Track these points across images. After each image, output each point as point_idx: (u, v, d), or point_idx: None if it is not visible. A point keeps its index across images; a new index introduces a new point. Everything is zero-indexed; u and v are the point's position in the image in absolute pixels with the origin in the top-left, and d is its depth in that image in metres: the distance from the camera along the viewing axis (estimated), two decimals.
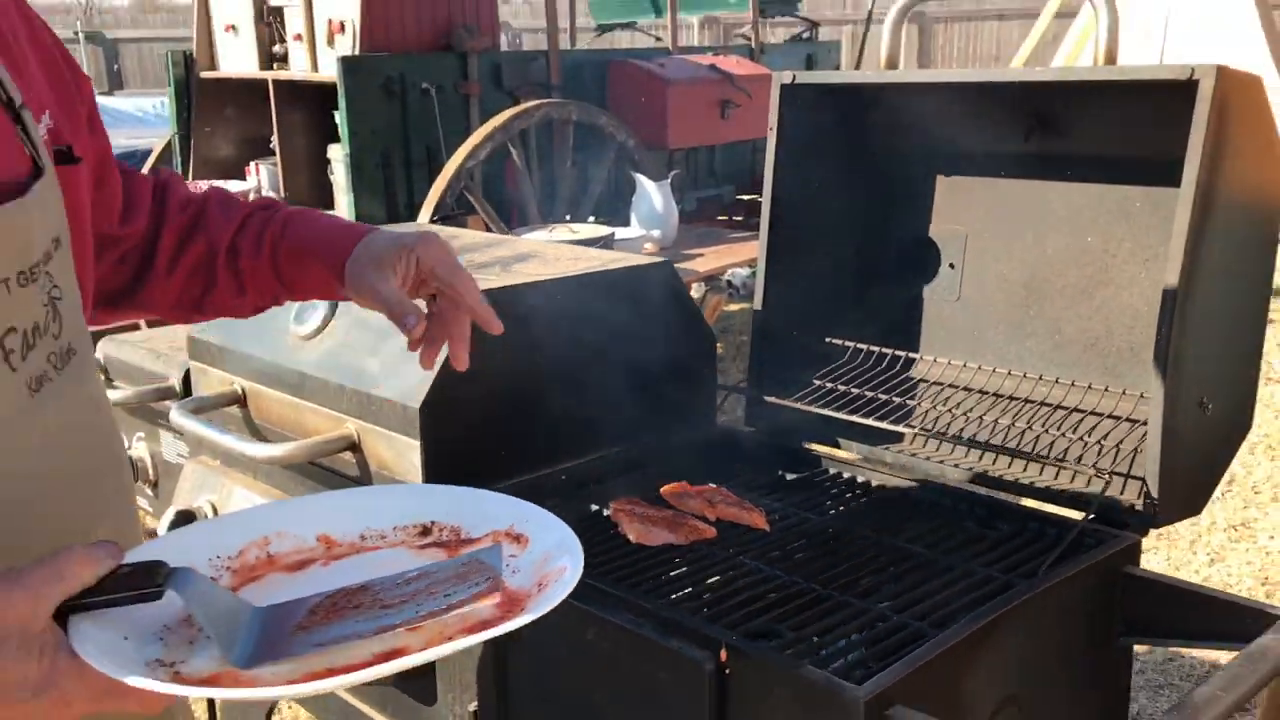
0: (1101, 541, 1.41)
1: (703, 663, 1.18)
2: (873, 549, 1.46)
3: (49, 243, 0.93)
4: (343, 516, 1.04)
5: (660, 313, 1.79)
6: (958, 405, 1.74)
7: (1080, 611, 1.38)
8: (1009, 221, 1.79)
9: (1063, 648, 1.38)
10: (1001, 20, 16.31)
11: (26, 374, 0.90)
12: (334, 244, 1.21)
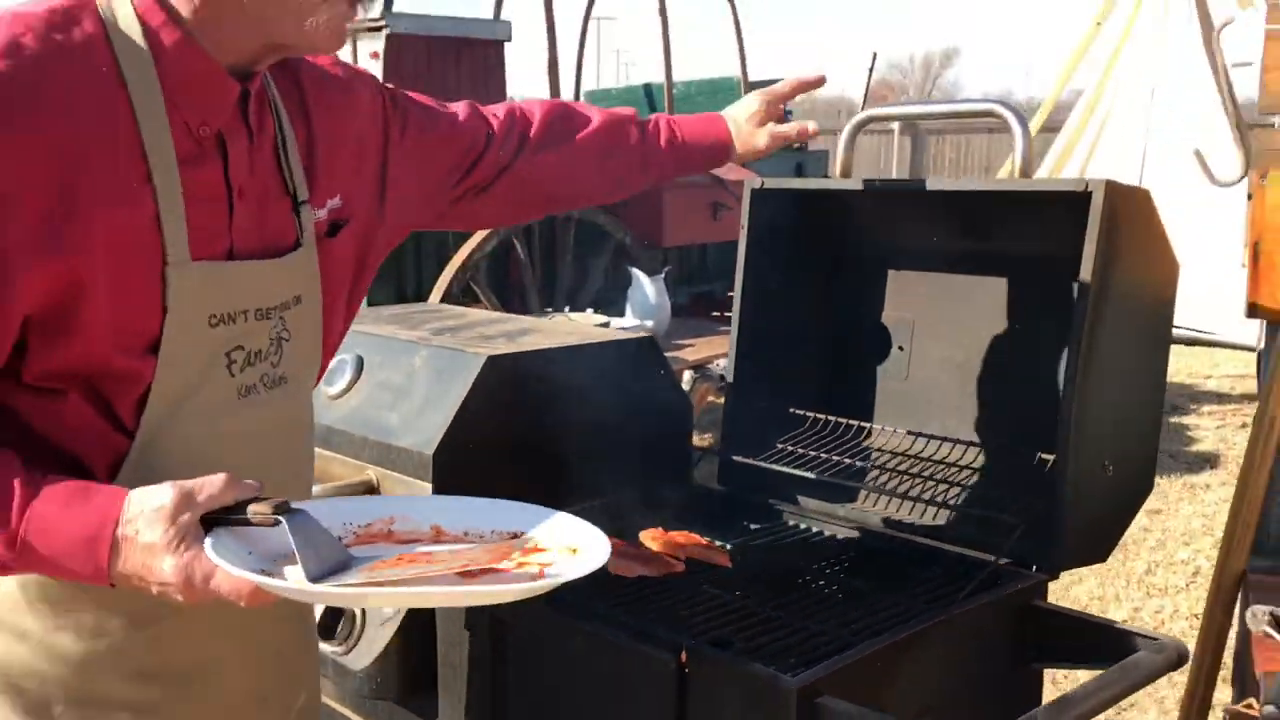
0: (1013, 580, 1.65)
1: (667, 663, 1.41)
2: (819, 584, 1.70)
3: (289, 297, 1.28)
4: (456, 515, 1.27)
5: (643, 381, 2.04)
6: (903, 467, 1.99)
7: (994, 638, 1.62)
8: (949, 310, 2.06)
9: (980, 668, 1.61)
10: (991, 134, 16.97)
11: (239, 382, 1.22)
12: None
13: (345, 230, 1.36)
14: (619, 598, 1.62)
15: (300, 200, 1.28)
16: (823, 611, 1.59)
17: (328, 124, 1.34)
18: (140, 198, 1.12)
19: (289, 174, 1.28)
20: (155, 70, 1.13)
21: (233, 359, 1.21)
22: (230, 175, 1.20)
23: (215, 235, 1.19)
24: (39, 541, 1.06)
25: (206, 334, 1.19)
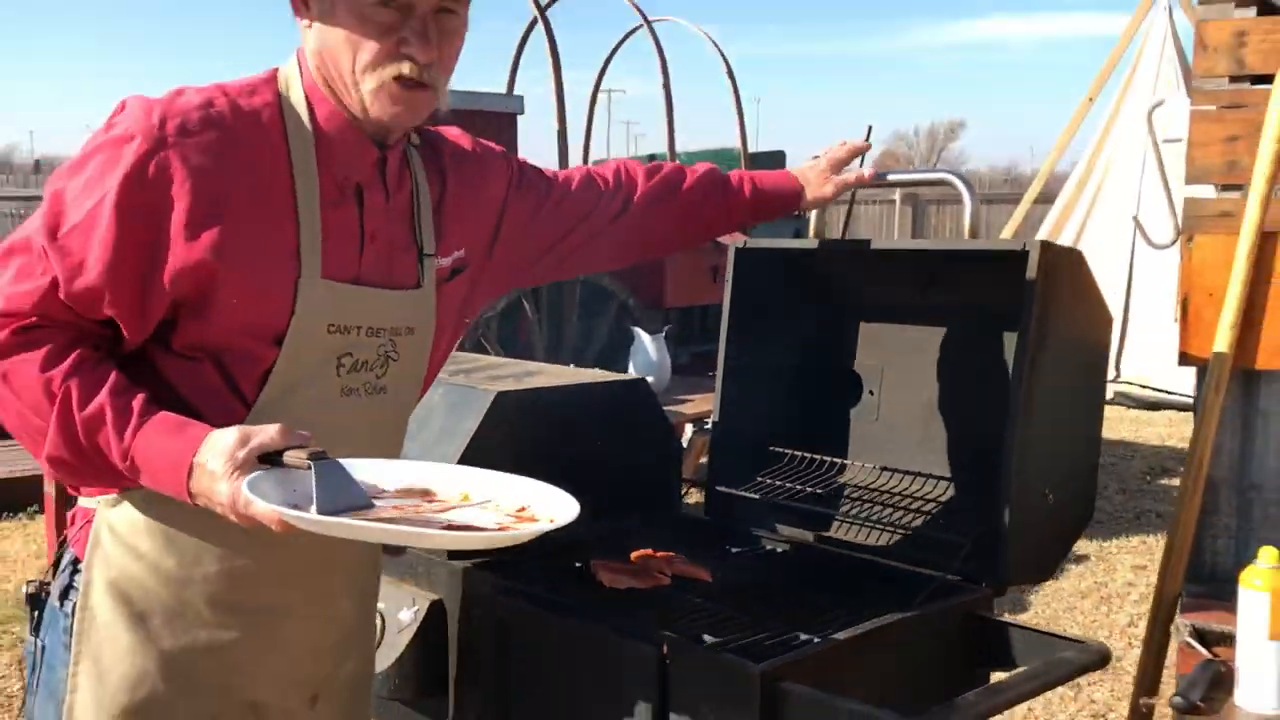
0: (960, 593, 1.86)
1: (651, 655, 1.62)
2: (789, 596, 1.91)
3: (401, 326, 1.56)
4: (484, 485, 1.48)
5: (637, 418, 2.27)
6: (870, 497, 2.20)
7: (944, 643, 1.82)
8: (913, 356, 2.28)
9: (932, 670, 1.80)
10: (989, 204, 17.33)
11: (344, 383, 1.51)
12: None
13: (461, 276, 1.65)
14: (611, 605, 1.83)
15: (426, 252, 1.58)
16: (790, 617, 1.80)
17: (460, 190, 1.65)
18: (284, 226, 1.43)
19: (419, 229, 1.58)
20: (312, 132, 1.46)
21: (341, 363, 1.50)
22: (364, 220, 1.51)
23: (346, 264, 1.49)
24: (142, 458, 1.34)
25: (323, 338, 1.47)
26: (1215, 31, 2.24)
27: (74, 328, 1.39)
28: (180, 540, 1.47)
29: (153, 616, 1.47)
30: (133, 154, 1.35)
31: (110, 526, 1.48)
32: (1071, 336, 1.98)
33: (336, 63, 1.45)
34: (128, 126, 1.37)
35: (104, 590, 1.47)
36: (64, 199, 1.38)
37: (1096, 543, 5.72)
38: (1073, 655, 1.68)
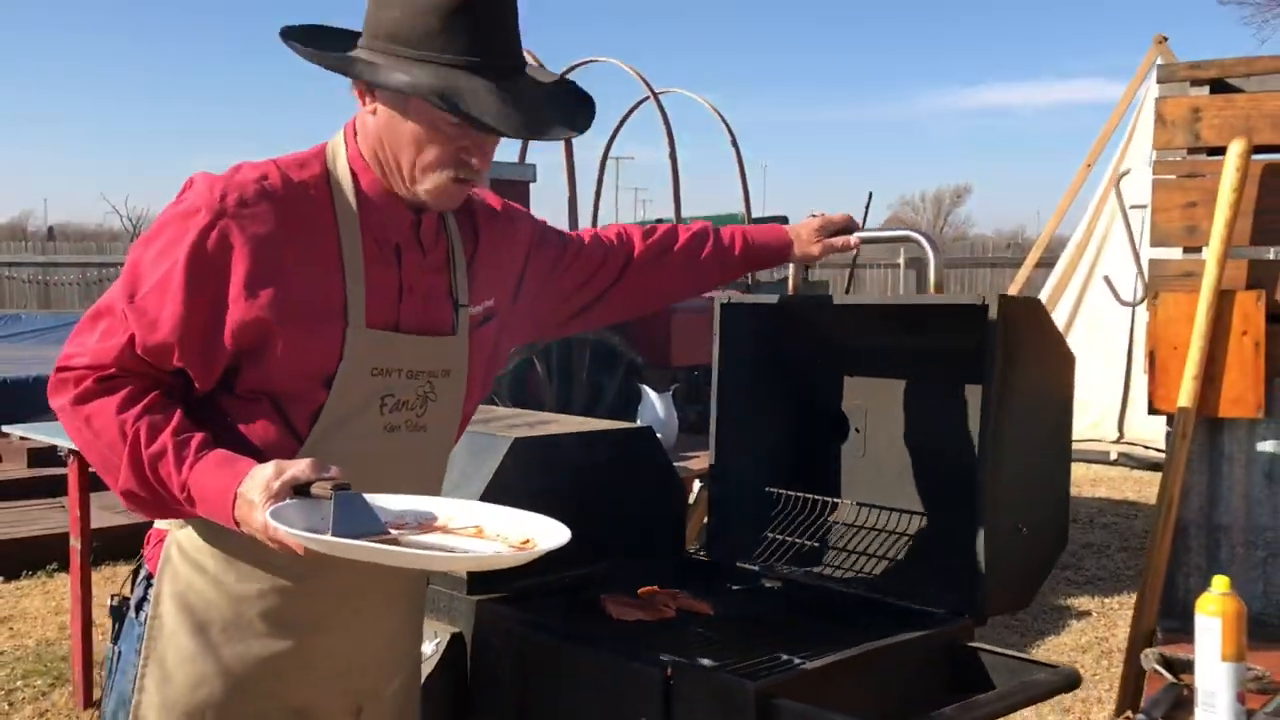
0: (942, 623, 2.00)
1: (656, 676, 1.76)
2: (785, 627, 2.06)
3: (438, 369, 1.73)
4: (496, 520, 1.63)
5: (645, 466, 2.43)
6: (859, 535, 2.34)
7: (929, 669, 1.96)
8: (895, 399, 2.40)
9: (919, 695, 1.94)
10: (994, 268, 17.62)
11: (387, 421, 1.69)
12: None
13: (491, 324, 1.82)
14: (620, 635, 1.98)
15: (460, 303, 1.76)
16: (785, 644, 1.94)
17: (490, 245, 1.83)
18: (332, 282, 1.61)
19: (454, 281, 1.76)
20: (355, 200, 1.65)
21: (384, 402, 1.68)
22: (403, 275, 1.69)
23: (386, 313, 1.67)
24: (197, 490, 1.52)
25: (368, 380, 1.65)
26: (1173, 108, 2.44)
27: (149, 377, 1.58)
28: (238, 559, 1.64)
29: (212, 626, 1.64)
30: (198, 226, 1.54)
31: (179, 545, 1.66)
32: (1035, 378, 2.11)
33: (396, 153, 1.62)
34: (194, 201, 1.57)
35: (171, 601, 1.65)
36: (140, 266, 1.58)
37: (1099, 599, 5.81)
38: (1045, 677, 1.82)
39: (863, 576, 2.25)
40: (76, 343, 1.60)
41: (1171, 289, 2.44)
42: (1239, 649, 1.77)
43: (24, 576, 5.94)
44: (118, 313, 1.58)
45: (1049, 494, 2.17)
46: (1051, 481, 2.18)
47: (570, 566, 2.29)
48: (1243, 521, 2.39)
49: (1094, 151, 10.13)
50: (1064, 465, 2.18)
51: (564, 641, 1.94)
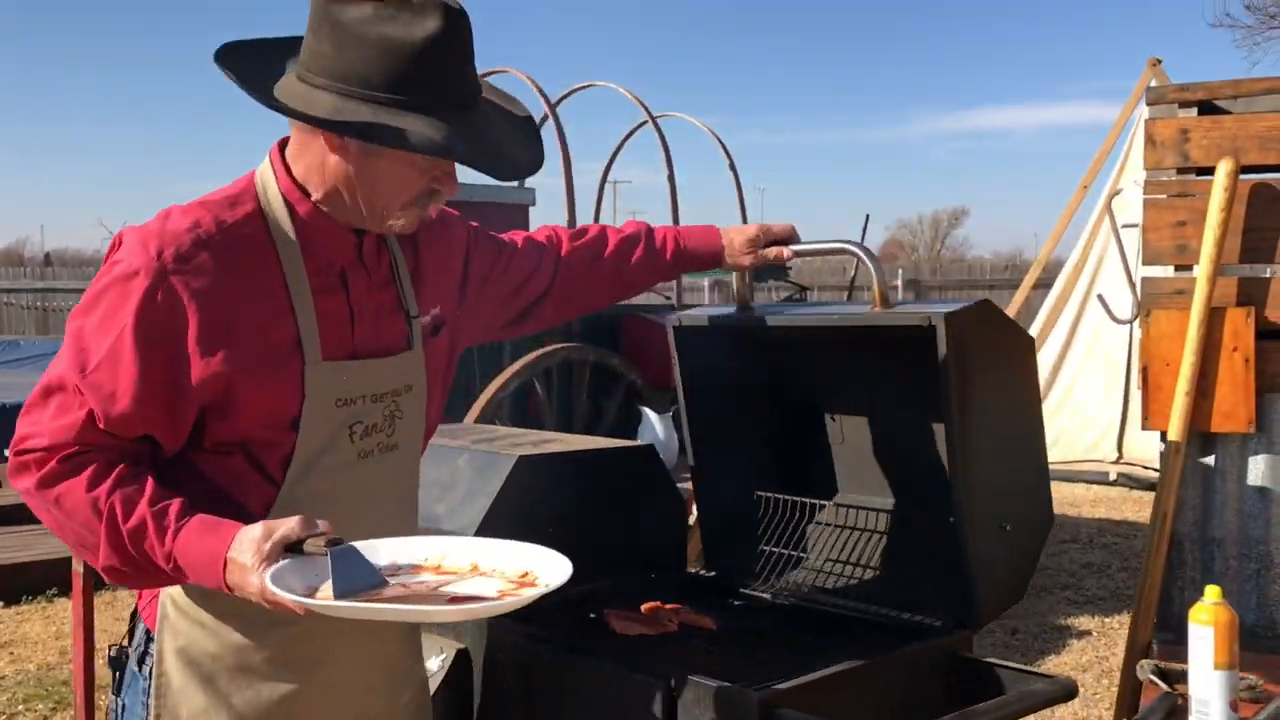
0: (937, 634, 2.03)
1: (660, 687, 1.79)
2: (787, 641, 2.09)
3: (401, 385, 1.71)
4: (489, 555, 1.59)
5: (646, 484, 2.46)
6: (848, 537, 2.35)
7: (926, 681, 1.99)
8: (866, 400, 2.35)
9: (917, 703, 1.97)
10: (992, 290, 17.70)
11: (359, 448, 1.67)
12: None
13: (444, 331, 1.82)
14: (624, 649, 2.01)
15: (411, 314, 1.74)
16: (786, 656, 1.97)
17: (432, 255, 1.81)
18: (283, 321, 1.58)
19: (402, 295, 1.73)
20: (294, 230, 1.60)
21: (353, 430, 1.66)
22: (351, 299, 1.66)
23: (342, 342, 1.64)
24: (184, 559, 1.48)
25: (333, 412, 1.62)
26: (1162, 129, 2.49)
27: (113, 449, 1.53)
28: (234, 610, 1.61)
29: (220, 677, 1.63)
30: (139, 289, 1.49)
31: (174, 601, 1.64)
32: (994, 378, 2.09)
33: (370, 194, 1.57)
34: (130, 263, 1.51)
35: (175, 657, 1.64)
36: (85, 337, 1.52)
37: (1098, 618, 5.82)
38: (1042, 687, 1.85)
39: (858, 587, 2.28)
40: (30, 421, 1.53)
41: (1163, 306, 2.48)
42: (1231, 657, 1.80)
43: (25, 601, 5.95)
44: (70, 388, 1.52)
45: (1028, 481, 2.19)
46: (1028, 468, 2.19)
47: (573, 583, 2.31)
48: (1236, 535, 2.42)
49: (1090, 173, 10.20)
50: (1039, 445, 2.20)
51: (569, 655, 1.97)
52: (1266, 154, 2.41)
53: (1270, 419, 2.42)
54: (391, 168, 1.56)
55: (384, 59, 1.50)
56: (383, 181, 1.57)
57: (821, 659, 1.94)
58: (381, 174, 1.56)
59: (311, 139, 1.58)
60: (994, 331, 2.12)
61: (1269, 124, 2.40)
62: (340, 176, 1.57)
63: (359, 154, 1.55)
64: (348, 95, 1.51)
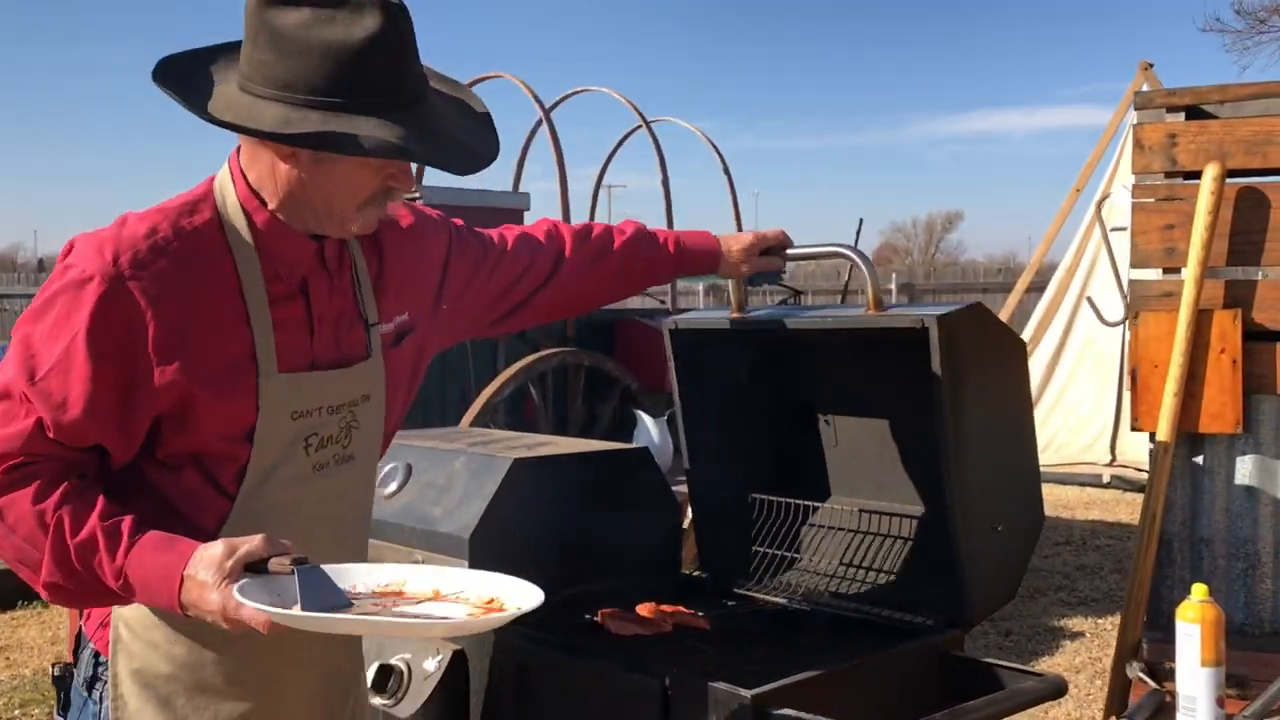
0: (930, 634, 2.05)
1: (655, 686, 1.81)
2: (781, 641, 2.11)
3: (358, 396, 1.68)
4: (452, 581, 1.59)
5: (641, 486, 2.48)
6: (842, 538, 2.37)
7: (919, 679, 2.01)
8: (861, 400, 2.37)
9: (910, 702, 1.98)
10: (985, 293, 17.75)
11: (314, 460, 1.64)
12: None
13: (408, 339, 1.77)
14: (620, 649, 2.03)
15: (371, 323, 1.70)
16: (779, 656, 1.99)
17: (402, 259, 1.77)
18: (239, 331, 1.54)
19: (362, 302, 1.69)
20: (252, 239, 1.56)
21: (309, 443, 1.62)
22: (312, 308, 1.62)
23: (300, 353, 1.60)
24: (135, 576, 1.43)
25: (289, 425, 1.59)
26: (1150, 133, 2.52)
27: (61, 460, 1.47)
28: (186, 629, 1.58)
29: (177, 698, 1.60)
30: (93, 295, 1.44)
31: (126, 624, 1.60)
32: (987, 381, 2.11)
33: (328, 199, 1.55)
34: (83, 268, 1.46)
35: (131, 681, 1.60)
36: (34, 343, 1.47)
37: (1091, 620, 5.85)
38: (1032, 685, 1.88)
39: (852, 588, 2.30)
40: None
41: (1152, 309, 2.51)
42: (1218, 654, 1.82)
43: (20, 607, 5.96)
44: (16, 396, 1.46)
45: (1019, 482, 2.21)
46: (1021, 470, 2.22)
47: (570, 584, 2.34)
48: (1224, 534, 2.45)
49: (1083, 176, 10.23)
50: (1030, 449, 2.22)
51: (565, 656, 1.99)
52: (1252, 158, 2.44)
53: (1257, 420, 2.45)
54: (345, 171, 1.53)
55: (326, 64, 1.47)
56: (337, 185, 1.55)
57: (814, 658, 1.96)
58: (335, 178, 1.54)
59: (260, 149, 1.55)
60: (986, 334, 2.15)
61: (1255, 129, 2.43)
62: (293, 184, 1.55)
63: (310, 161, 1.53)
64: (294, 104, 1.48)
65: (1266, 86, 2.48)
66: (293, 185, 1.55)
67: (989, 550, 2.11)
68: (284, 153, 1.53)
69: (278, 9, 1.47)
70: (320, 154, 1.51)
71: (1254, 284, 2.48)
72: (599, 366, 5.61)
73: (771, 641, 2.10)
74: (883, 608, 2.23)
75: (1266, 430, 2.44)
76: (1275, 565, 2.42)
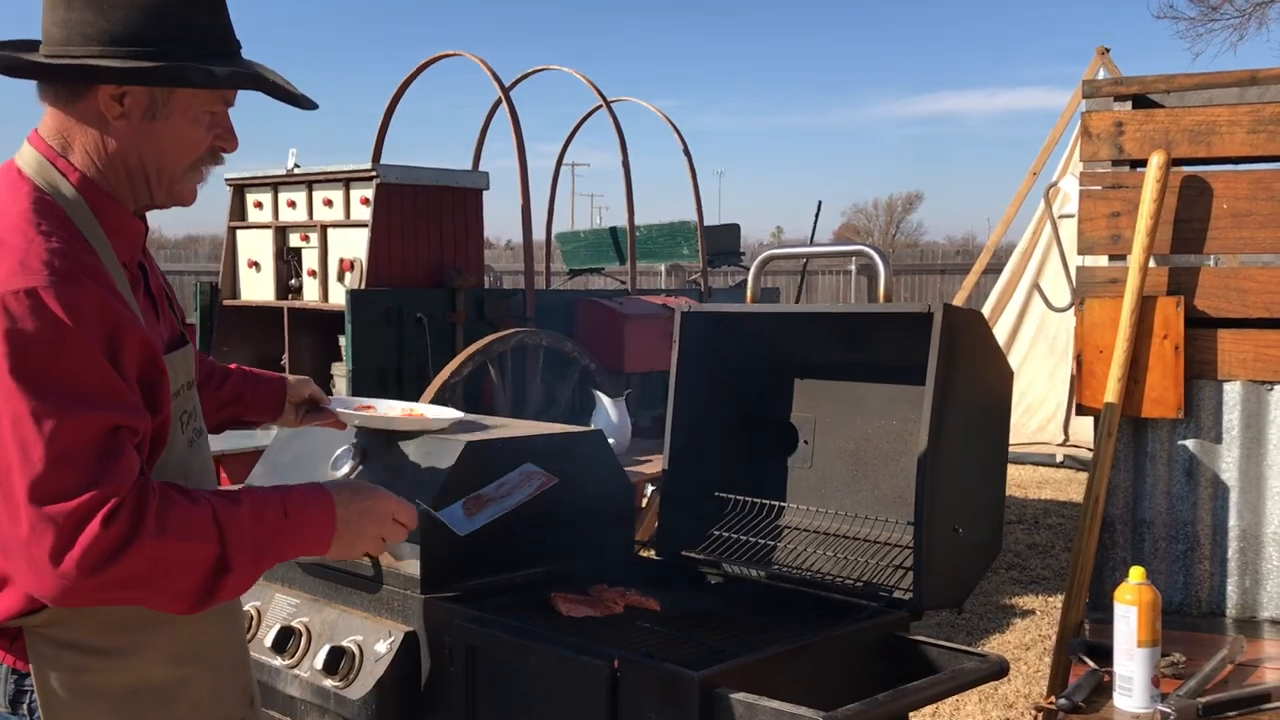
0: (880, 615, 2.08)
1: (603, 668, 1.83)
2: (730, 621, 2.13)
3: (194, 373, 1.75)
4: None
5: (595, 468, 2.50)
6: (805, 537, 2.44)
7: (867, 660, 2.04)
8: (842, 409, 2.53)
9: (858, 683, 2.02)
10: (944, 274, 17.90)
11: (188, 435, 1.70)
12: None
13: None
14: (570, 630, 2.05)
15: (171, 302, 1.76)
16: (728, 637, 2.02)
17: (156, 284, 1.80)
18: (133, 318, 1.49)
19: (163, 283, 1.74)
20: (100, 223, 1.53)
21: (183, 420, 1.67)
22: (152, 289, 1.66)
23: (159, 334, 1.62)
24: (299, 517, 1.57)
25: (176, 401, 1.62)
26: (1098, 122, 2.55)
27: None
28: (116, 616, 1.56)
29: (109, 690, 1.57)
30: (53, 298, 1.38)
31: (44, 636, 1.53)
32: (974, 389, 2.24)
33: (158, 159, 1.55)
34: (19, 286, 1.38)
35: (64, 690, 1.54)
36: (57, 377, 1.38)
37: (1042, 597, 5.95)
38: (974, 665, 1.91)
39: (806, 573, 2.33)
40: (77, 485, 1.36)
41: (1098, 295, 2.55)
42: (1154, 636, 1.87)
43: None
44: (87, 423, 1.39)
45: (985, 499, 2.27)
46: (988, 488, 2.27)
47: (522, 566, 2.35)
48: (1165, 517, 2.50)
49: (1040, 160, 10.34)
50: (1000, 474, 2.28)
51: (515, 637, 2.00)
52: (1196, 147, 2.48)
53: (1198, 405, 2.50)
54: (177, 128, 1.55)
55: (151, 14, 1.50)
56: (167, 142, 1.55)
57: (763, 639, 1.99)
58: (167, 134, 1.55)
59: (81, 120, 1.53)
60: (982, 345, 2.27)
61: (1199, 118, 2.47)
62: (125, 146, 1.54)
63: (141, 118, 1.53)
64: (125, 56, 1.49)
65: (1211, 77, 2.52)
66: (125, 148, 1.54)
67: (947, 549, 2.14)
68: (114, 112, 1.52)
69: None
70: (152, 110, 1.53)
71: (1197, 271, 2.52)
72: (558, 347, 5.61)
73: (721, 622, 2.13)
74: (834, 591, 2.26)
75: (1207, 415, 2.50)
76: (1213, 547, 2.48)
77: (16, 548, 1.38)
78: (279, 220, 6.05)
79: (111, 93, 1.51)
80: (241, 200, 6.26)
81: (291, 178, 5.98)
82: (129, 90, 1.52)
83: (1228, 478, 2.48)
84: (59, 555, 1.35)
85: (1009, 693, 4.60)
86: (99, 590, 1.39)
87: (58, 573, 1.36)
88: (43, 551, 1.35)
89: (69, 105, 1.53)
